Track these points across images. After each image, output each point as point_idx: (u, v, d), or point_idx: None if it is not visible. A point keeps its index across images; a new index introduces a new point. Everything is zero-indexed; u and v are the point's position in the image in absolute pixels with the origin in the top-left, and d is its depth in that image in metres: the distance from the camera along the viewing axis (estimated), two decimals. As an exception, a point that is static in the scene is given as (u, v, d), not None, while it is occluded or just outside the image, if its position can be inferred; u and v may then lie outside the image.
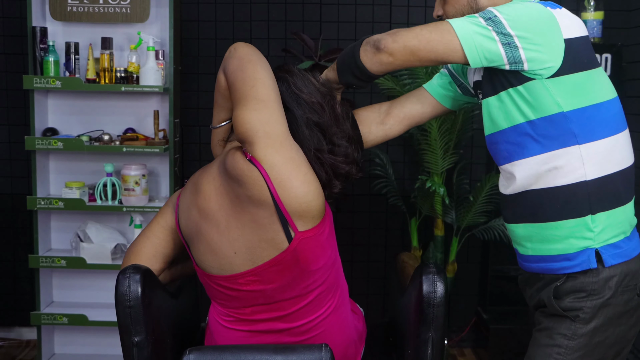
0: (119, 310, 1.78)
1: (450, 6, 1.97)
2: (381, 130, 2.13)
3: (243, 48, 1.82)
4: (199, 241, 1.81)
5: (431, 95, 2.15)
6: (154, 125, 3.36)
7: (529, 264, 1.98)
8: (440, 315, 1.81)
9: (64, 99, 3.48)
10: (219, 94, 1.88)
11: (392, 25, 3.78)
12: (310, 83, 1.86)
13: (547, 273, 1.92)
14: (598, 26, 3.59)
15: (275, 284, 1.75)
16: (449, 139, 3.42)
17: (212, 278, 1.82)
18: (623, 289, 1.85)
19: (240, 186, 1.71)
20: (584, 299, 1.84)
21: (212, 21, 3.79)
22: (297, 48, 3.68)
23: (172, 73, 3.38)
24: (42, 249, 3.43)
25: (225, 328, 1.88)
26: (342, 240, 3.94)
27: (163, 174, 3.52)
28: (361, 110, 2.15)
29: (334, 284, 1.84)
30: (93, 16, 3.34)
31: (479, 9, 1.92)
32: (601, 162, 1.85)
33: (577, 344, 1.84)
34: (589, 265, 1.83)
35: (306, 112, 1.81)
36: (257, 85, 1.72)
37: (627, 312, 1.86)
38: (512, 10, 1.80)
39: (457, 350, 3.88)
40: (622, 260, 1.85)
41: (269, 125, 1.69)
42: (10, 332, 3.94)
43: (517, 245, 2.01)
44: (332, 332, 1.85)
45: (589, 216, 1.84)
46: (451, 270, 3.61)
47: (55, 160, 3.52)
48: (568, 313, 1.85)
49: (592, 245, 1.84)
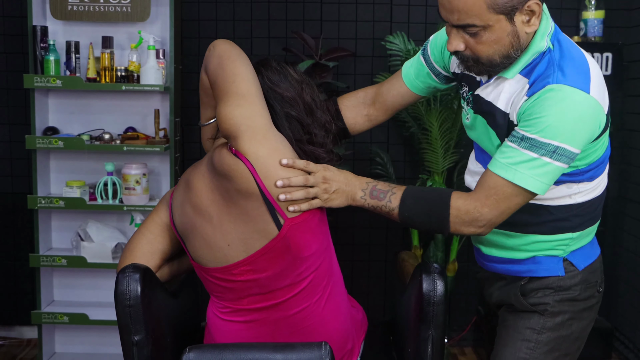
0: (119, 309, 1.79)
1: (487, 46, 1.70)
2: (367, 121, 2.17)
3: (222, 45, 1.85)
4: (194, 236, 1.84)
5: (409, 89, 2.12)
6: (154, 124, 3.36)
7: (491, 264, 2.01)
8: (440, 313, 1.81)
9: (64, 98, 3.49)
10: (203, 93, 1.92)
11: (392, 24, 3.77)
12: (285, 77, 1.88)
13: (511, 275, 1.95)
14: (599, 25, 3.59)
15: (269, 272, 1.78)
16: (449, 138, 3.42)
17: (208, 271, 1.85)
18: (586, 286, 1.91)
19: (228, 181, 1.75)
20: (551, 294, 1.89)
21: (212, 20, 3.79)
22: (298, 47, 3.68)
23: (173, 72, 3.38)
24: (42, 248, 3.43)
25: (222, 320, 1.90)
26: (343, 240, 3.96)
27: (164, 173, 3.52)
28: (346, 100, 2.17)
29: (327, 271, 1.85)
30: (94, 15, 3.34)
31: (520, 46, 1.73)
32: (590, 192, 1.89)
33: (545, 337, 1.89)
34: (557, 272, 1.89)
35: (284, 107, 1.85)
36: (237, 81, 1.76)
37: (588, 308, 1.93)
38: (552, 122, 1.65)
39: (458, 349, 3.88)
40: (589, 262, 1.92)
41: (250, 119, 1.73)
42: (11, 331, 3.94)
43: (480, 244, 2.03)
44: (327, 320, 1.86)
45: (570, 234, 1.89)
46: (452, 269, 3.61)
47: (55, 160, 3.52)
48: (536, 307, 1.89)
49: (562, 255, 1.90)
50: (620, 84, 3.62)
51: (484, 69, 1.77)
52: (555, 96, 1.66)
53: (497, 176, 1.71)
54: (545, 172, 1.68)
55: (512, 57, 1.73)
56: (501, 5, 1.64)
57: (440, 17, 1.78)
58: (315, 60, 3.51)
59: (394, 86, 2.15)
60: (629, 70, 3.68)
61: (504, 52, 1.72)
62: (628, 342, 3.71)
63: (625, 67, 3.66)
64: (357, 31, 3.81)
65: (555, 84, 1.67)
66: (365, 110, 2.16)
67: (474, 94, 1.88)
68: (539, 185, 1.69)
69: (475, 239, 2.05)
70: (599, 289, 1.95)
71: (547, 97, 1.67)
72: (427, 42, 2.09)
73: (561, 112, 1.65)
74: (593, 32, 3.58)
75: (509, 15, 1.66)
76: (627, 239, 3.76)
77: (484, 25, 1.67)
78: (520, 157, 1.68)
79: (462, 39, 1.72)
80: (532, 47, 1.74)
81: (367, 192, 1.82)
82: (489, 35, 1.68)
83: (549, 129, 1.65)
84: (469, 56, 1.75)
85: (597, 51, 3.52)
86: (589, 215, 1.90)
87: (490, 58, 1.73)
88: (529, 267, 1.92)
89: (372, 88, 2.19)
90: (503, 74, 1.78)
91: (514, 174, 1.68)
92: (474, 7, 1.64)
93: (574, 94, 1.66)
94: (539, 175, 1.68)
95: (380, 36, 3.76)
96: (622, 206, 3.80)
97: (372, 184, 1.83)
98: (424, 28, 3.79)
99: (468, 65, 1.78)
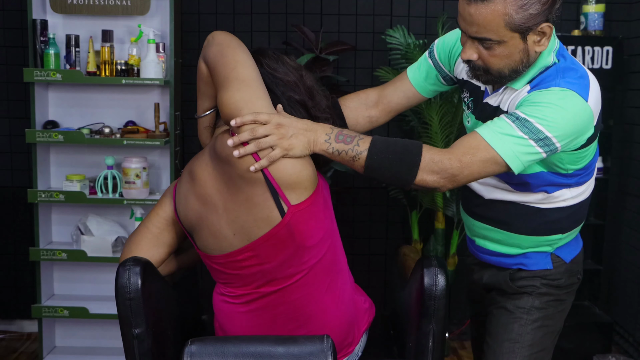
0: (119, 302, 1.79)
1: (498, 59, 1.81)
2: (368, 123, 2.20)
3: (220, 35, 1.87)
4: (200, 227, 1.85)
5: (417, 91, 2.17)
6: (154, 118, 3.35)
7: (484, 255, 2.12)
8: (441, 307, 1.82)
9: (64, 92, 3.48)
10: (201, 82, 1.92)
11: (392, 18, 3.77)
12: (283, 63, 1.90)
13: (501, 266, 2.08)
14: (599, 19, 3.58)
15: (273, 262, 1.78)
16: (449, 132, 3.42)
17: (213, 258, 1.85)
18: (569, 274, 2.06)
19: (231, 167, 1.75)
20: (539, 278, 2.03)
21: (212, 14, 3.78)
22: (298, 41, 3.68)
23: (173, 66, 3.37)
24: (43, 241, 3.43)
25: (225, 304, 1.91)
26: (343, 233, 3.90)
27: (164, 167, 3.52)
28: (347, 101, 2.19)
29: (331, 259, 1.87)
30: (93, 9, 3.33)
31: (529, 63, 1.83)
32: (579, 196, 2.01)
33: (535, 315, 2.02)
34: (545, 266, 2.03)
35: (287, 91, 1.86)
36: (237, 67, 1.77)
37: (569, 292, 2.09)
38: (549, 113, 1.75)
39: (458, 343, 3.89)
40: (574, 255, 2.08)
41: (251, 102, 1.73)
42: (11, 325, 3.95)
43: (475, 237, 2.14)
44: (328, 307, 1.87)
45: (560, 235, 2.02)
46: (452, 263, 3.61)
47: (55, 153, 3.52)
48: (526, 289, 2.03)
49: (550, 251, 2.04)
50: (620, 77, 3.62)
51: (492, 79, 1.87)
52: (558, 94, 1.77)
53: (483, 139, 1.77)
54: (527, 153, 1.76)
55: (520, 72, 1.84)
56: (518, 24, 1.75)
57: (458, 26, 1.86)
58: (315, 54, 3.51)
59: (400, 88, 2.19)
60: (629, 64, 3.68)
61: (513, 67, 1.82)
62: (628, 336, 3.71)
63: (625, 60, 3.66)
64: (357, 25, 3.81)
65: (558, 86, 1.79)
66: (367, 112, 2.19)
67: (482, 102, 1.98)
68: (517, 163, 1.77)
69: (471, 232, 2.15)
70: (579, 277, 2.11)
71: (551, 92, 1.79)
72: (434, 45, 2.15)
73: (561, 108, 1.76)
74: (593, 26, 3.58)
75: (522, 34, 1.77)
76: (627, 233, 3.76)
77: (499, 40, 1.78)
78: (511, 131, 1.76)
79: (476, 50, 1.83)
80: (539, 62, 1.86)
81: (333, 135, 1.77)
82: (502, 50, 1.79)
83: (546, 118, 1.74)
84: (480, 66, 1.85)
85: (597, 45, 3.52)
86: (577, 217, 2.04)
87: (500, 70, 1.83)
88: (519, 260, 2.05)
89: (374, 90, 2.22)
90: (511, 85, 1.89)
91: (500, 142, 1.75)
92: (492, 23, 1.75)
93: (575, 97, 1.77)
94: (520, 154, 1.76)
95: (380, 30, 3.76)
96: (622, 200, 3.80)
97: (337, 129, 1.80)
98: (424, 22, 3.79)
99: (477, 74, 1.88)
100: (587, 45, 3.51)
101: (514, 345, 2.00)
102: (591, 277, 3.71)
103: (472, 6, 1.75)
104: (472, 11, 1.76)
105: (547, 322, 2.04)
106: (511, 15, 1.73)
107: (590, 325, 3.58)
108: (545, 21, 1.77)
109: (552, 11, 1.77)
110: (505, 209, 2.00)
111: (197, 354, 1.63)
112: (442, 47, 2.12)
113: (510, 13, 1.73)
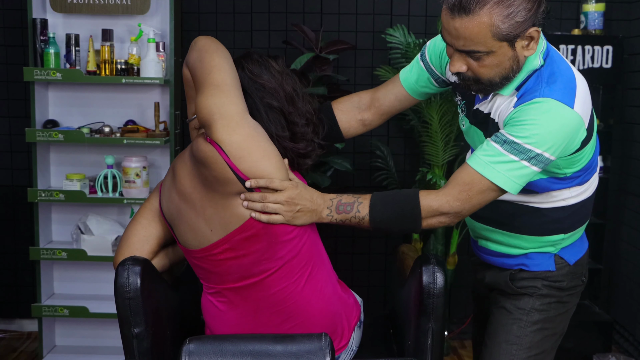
0: (119, 302, 1.79)
1: (488, 69, 1.79)
2: (361, 126, 2.21)
3: (202, 40, 1.92)
4: (180, 222, 1.89)
5: (409, 93, 2.17)
6: (154, 117, 3.36)
7: (486, 256, 2.13)
8: (440, 306, 1.82)
9: (64, 91, 3.48)
10: (187, 87, 1.99)
11: (392, 17, 3.77)
12: (266, 68, 1.92)
13: (503, 267, 2.08)
14: (599, 18, 3.58)
15: (249, 256, 1.82)
16: (449, 131, 3.42)
17: (192, 253, 1.89)
18: (573, 276, 2.04)
19: (205, 168, 1.79)
20: (540, 280, 2.02)
21: (212, 13, 3.78)
22: (298, 40, 3.68)
23: (173, 65, 3.37)
24: (42, 241, 3.44)
25: (209, 302, 1.95)
26: (343, 232, 3.96)
27: (164, 166, 3.52)
28: (340, 104, 2.20)
29: (307, 253, 1.89)
30: (93, 8, 3.34)
31: (519, 69, 1.82)
32: (581, 194, 2.00)
33: (534, 317, 2.01)
34: (548, 267, 2.02)
35: (265, 97, 1.88)
36: (213, 72, 1.81)
37: (573, 295, 2.07)
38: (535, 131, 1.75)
39: (458, 342, 3.88)
40: (579, 257, 2.05)
41: (223, 108, 1.77)
42: (11, 324, 3.95)
43: (477, 238, 2.15)
44: (309, 300, 1.89)
45: (562, 235, 2.00)
46: (452, 262, 3.61)
47: (55, 152, 3.52)
48: (526, 290, 2.02)
49: (554, 252, 2.02)
50: (620, 76, 3.62)
51: (483, 88, 1.86)
52: (541, 107, 1.76)
53: (476, 172, 1.79)
54: (522, 174, 1.79)
55: (511, 78, 1.84)
56: (505, 34, 1.73)
57: (444, 41, 1.83)
58: (315, 53, 3.51)
59: (392, 91, 2.19)
60: (629, 63, 3.68)
61: (504, 74, 1.81)
62: (628, 335, 3.71)
63: (625, 60, 3.65)
64: (357, 24, 3.81)
65: (542, 97, 1.78)
66: (360, 114, 2.19)
67: (473, 109, 1.98)
68: (514, 185, 1.80)
69: (473, 232, 2.16)
70: (583, 279, 2.09)
71: (534, 107, 1.77)
72: (425, 48, 2.14)
73: (546, 122, 1.75)
74: (593, 25, 3.58)
75: (511, 42, 1.76)
76: (627, 232, 3.76)
77: (487, 51, 1.76)
78: (501, 157, 1.77)
79: (464, 62, 1.80)
80: (526, 66, 1.84)
81: (333, 208, 1.86)
82: (491, 59, 1.78)
83: (533, 137, 1.75)
84: (470, 77, 1.84)
85: (597, 44, 3.51)
86: (579, 216, 2.02)
87: (491, 79, 1.82)
88: (521, 261, 2.04)
89: (367, 93, 2.22)
90: (500, 92, 1.88)
91: (493, 172, 1.78)
92: (479, 35, 1.73)
93: (558, 107, 1.76)
94: (515, 177, 1.79)
95: (380, 29, 3.76)
96: (623, 199, 3.80)
97: (336, 199, 1.87)
98: (424, 21, 3.79)
99: (468, 84, 1.87)
100: (587, 44, 3.51)
101: (511, 347, 2.00)
102: (591, 276, 3.70)
103: (457, 20, 1.73)
104: (458, 25, 1.73)
105: (547, 324, 2.02)
106: (498, 25, 1.71)
107: (590, 324, 3.58)
108: (532, 26, 1.75)
109: (538, 14, 1.75)
110: (505, 210, 2.00)
111: (195, 352, 1.63)
112: (434, 49, 2.10)
113: (496, 24, 1.71)
